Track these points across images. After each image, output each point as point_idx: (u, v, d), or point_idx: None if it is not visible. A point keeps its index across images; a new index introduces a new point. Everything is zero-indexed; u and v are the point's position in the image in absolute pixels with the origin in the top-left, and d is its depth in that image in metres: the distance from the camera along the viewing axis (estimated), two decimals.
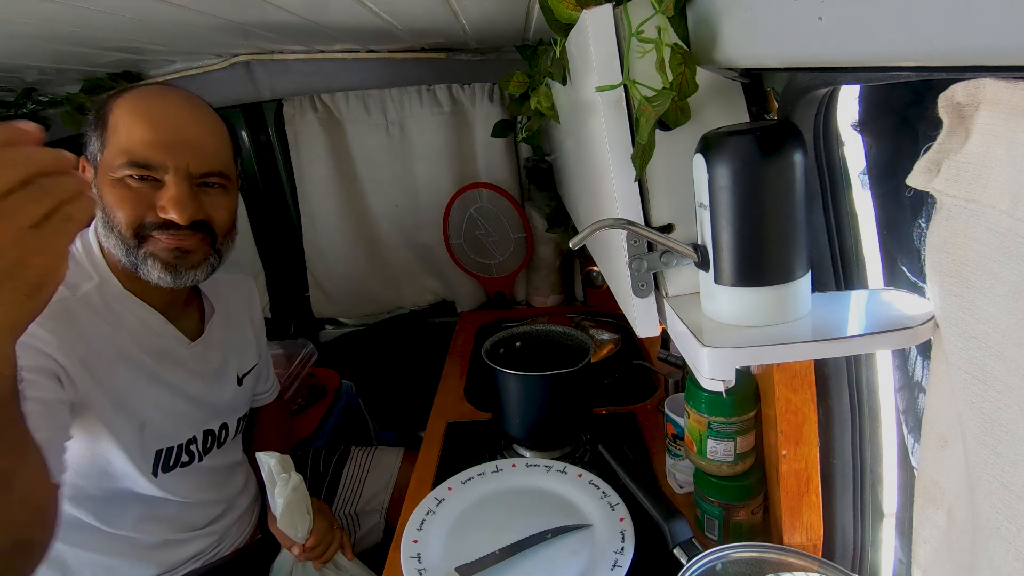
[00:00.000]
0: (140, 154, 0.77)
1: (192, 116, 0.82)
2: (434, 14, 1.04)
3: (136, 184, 0.78)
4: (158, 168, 0.78)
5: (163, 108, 0.80)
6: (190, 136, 0.81)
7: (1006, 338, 0.32)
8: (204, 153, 0.82)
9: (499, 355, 1.10)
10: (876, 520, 0.72)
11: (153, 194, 0.79)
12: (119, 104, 0.79)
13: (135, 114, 0.78)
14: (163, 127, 0.79)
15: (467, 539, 0.84)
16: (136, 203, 0.78)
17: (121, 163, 0.77)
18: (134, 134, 0.77)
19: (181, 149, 0.79)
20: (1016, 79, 0.29)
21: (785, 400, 0.71)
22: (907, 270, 0.57)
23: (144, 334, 0.87)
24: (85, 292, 0.82)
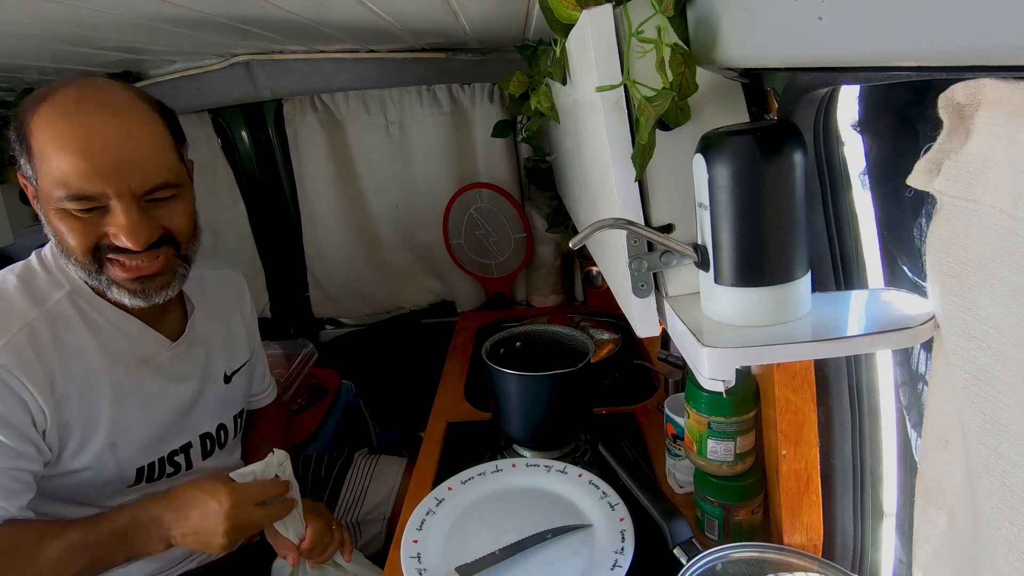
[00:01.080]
0: (76, 186, 0.71)
1: (121, 130, 0.74)
2: (434, 14, 1.04)
3: (81, 214, 0.73)
4: (99, 197, 0.73)
5: (87, 129, 0.72)
6: (125, 157, 0.73)
7: (1007, 338, 0.32)
8: (144, 170, 0.75)
9: (499, 355, 1.10)
10: (876, 520, 0.72)
11: (101, 220, 0.74)
12: (38, 125, 0.72)
13: (59, 141, 0.71)
14: (93, 152, 0.71)
15: (467, 539, 0.84)
16: (85, 233, 0.74)
17: (59, 196, 0.72)
18: (64, 165, 0.71)
19: (118, 173, 0.73)
20: (1016, 79, 0.29)
21: (785, 400, 0.71)
22: (908, 270, 0.57)
23: (121, 341, 0.84)
24: (56, 303, 0.79)
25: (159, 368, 0.88)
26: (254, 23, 1.06)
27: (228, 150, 1.72)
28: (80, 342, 0.80)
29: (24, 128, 0.73)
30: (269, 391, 1.19)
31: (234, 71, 1.47)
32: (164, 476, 0.90)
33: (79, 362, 0.79)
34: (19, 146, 0.75)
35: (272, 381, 1.21)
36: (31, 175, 0.75)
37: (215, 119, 1.67)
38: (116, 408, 0.82)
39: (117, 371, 0.83)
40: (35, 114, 0.72)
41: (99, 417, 0.81)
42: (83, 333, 0.80)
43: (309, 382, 1.57)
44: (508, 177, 1.73)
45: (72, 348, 0.79)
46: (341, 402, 1.61)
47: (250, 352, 1.07)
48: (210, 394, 0.96)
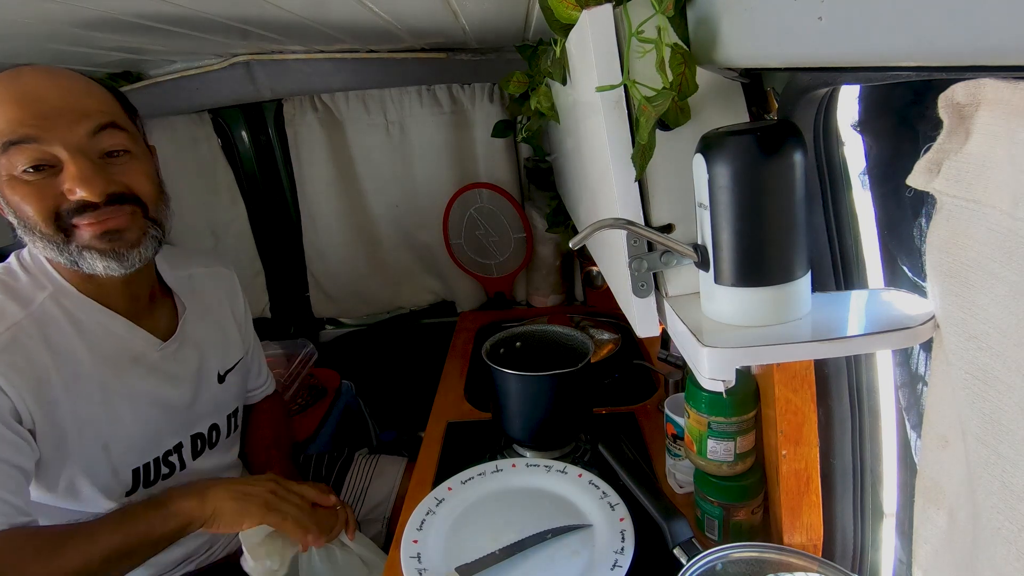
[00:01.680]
0: (11, 132, 0.69)
1: (59, 83, 0.73)
2: (434, 14, 1.04)
3: (33, 177, 0.71)
4: (38, 139, 0.70)
5: (21, 85, 0.71)
6: (65, 102, 0.72)
7: (1007, 338, 0.32)
8: (88, 113, 0.73)
9: (499, 355, 1.10)
10: (876, 520, 0.72)
11: (55, 181, 0.72)
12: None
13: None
14: (30, 101, 0.70)
15: (467, 539, 0.84)
16: (41, 195, 0.72)
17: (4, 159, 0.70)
18: (2, 123, 0.70)
19: (59, 118, 0.71)
20: (1016, 79, 0.29)
21: (785, 400, 0.71)
22: (908, 270, 0.57)
23: (108, 341, 0.82)
24: (40, 304, 0.78)
25: (150, 368, 0.87)
26: (254, 23, 1.06)
27: (228, 150, 1.72)
28: (67, 343, 0.78)
29: None
30: (267, 385, 1.18)
31: (234, 71, 1.47)
32: (160, 478, 0.89)
33: (68, 363, 0.78)
34: None
35: (270, 375, 1.21)
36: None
37: (215, 119, 1.67)
38: (107, 409, 0.81)
39: (106, 372, 0.81)
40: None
41: (90, 419, 0.80)
42: (70, 334, 0.79)
43: (309, 382, 1.57)
44: (508, 177, 1.73)
45: (60, 349, 0.77)
46: (341, 402, 1.61)
47: (244, 350, 1.07)
48: (204, 394, 0.96)
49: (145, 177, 0.79)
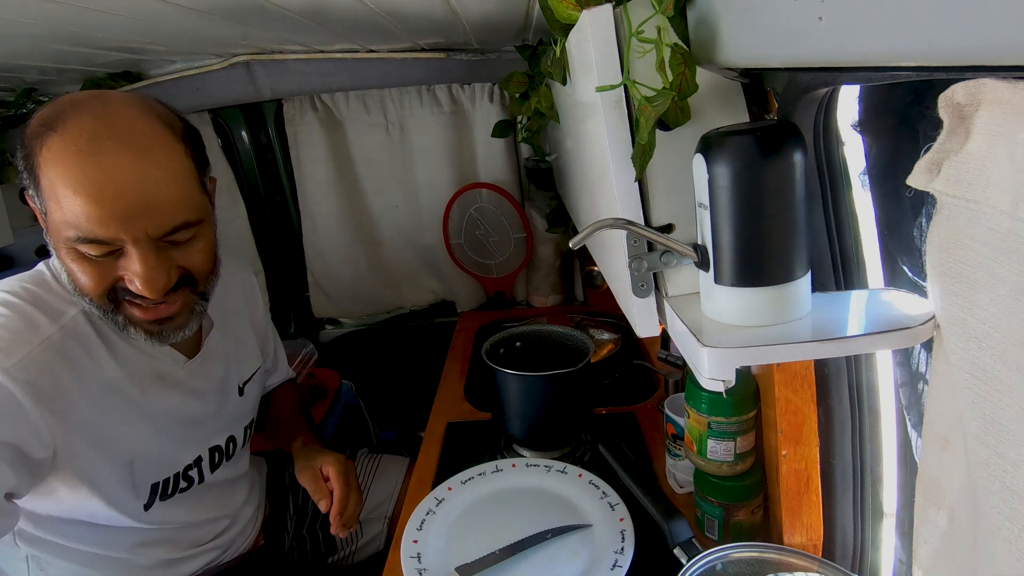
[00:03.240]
0: (88, 231, 0.66)
1: (138, 172, 0.67)
2: (434, 14, 1.04)
3: (94, 255, 0.69)
4: (112, 242, 0.68)
5: (101, 171, 0.65)
6: (142, 201, 0.67)
7: (1007, 338, 0.32)
8: (162, 213, 0.69)
9: (499, 355, 1.10)
10: (876, 520, 0.72)
11: (116, 265, 0.70)
12: (48, 160, 0.66)
13: (69, 183, 0.65)
14: (107, 198, 0.65)
15: (467, 539, 0.84)
16: (100, 276, 0.70)
17: (70, 236, 0.67)
18: (75, 208, 0.65)
19: (134, 219, 0.67)
20: (1016, 79, 0.29)
21: (785, 400, 0.71)
22: (908, 270, 0.57)
23: (137, 359, 0.81)
24: (71, 318, 0.75)
25: (175, 384, 0.86)
26: (254, 23, 1.06)
27: (228, 150, 1.72)
28: (96, 359, 0.76)
29: (32, 158, 0.67)
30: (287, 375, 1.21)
31: (234, 71, 1.47)
32: (178, 491, 0.88)
33: (95, 379, 0.76)
34: (27, 175, 0.69)
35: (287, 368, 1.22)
36: (40, 207, 0.70)
37: (215, 119, 1.67)
38: (132, 426, 0.80)
39: (132, 388, 0.80)
40: (43, 146, 0.66)
41: (116, 436, 0.78)
42: (99, 350, 0.77)
43: (309, 382, 1.57)
44: (508, 177, 1.72)
45: (88, 365, 0.75)
46: (341, 402, 1.61)
47: (261, 359, 1.05)
48: (225, 407, 0.94)
49: (204, 254, 0.77)
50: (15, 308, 0.72)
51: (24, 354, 0.69)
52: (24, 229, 1.61)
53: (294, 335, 1.89)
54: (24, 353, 0.69)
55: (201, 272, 0.77)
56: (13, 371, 0.67)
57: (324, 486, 0.95)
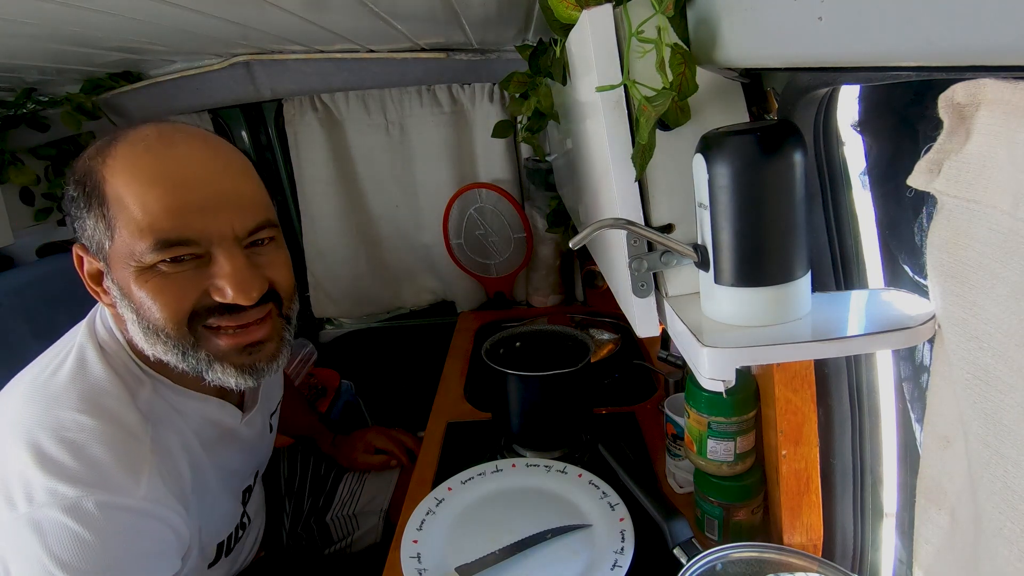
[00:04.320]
0: (168, 229, 0.59)
1: (216, 162, 0.62)
2: (434, 14, 1.04)
3: (173, 269, 0.60)
4: (198, 241, 0.60)
5: (176, 161, 0.60)
6: (224, 189, 0.61)
7: (1008, 338, 0.32)
8: (245, 205, 0.63)
9: (499, 355, 1.10)
10: (876, 520, 0.72)
11: (198, 275, 0.62)
12: (113, 168, 0.60)
13: (143, 178, 0.59)
14: (187, 186, 0.60)
15: (467, 539, 0.84)
16: (180, 293, 0.61)
17: (147, 247, 0.59)
18: (152, 205, 0.58)
19: (220, 209, 0.61)
20: (1016, 79, 0.29)
21: (785, 400, 0.71)
22: (909, 270, 0.57)
23: (205, 427, 0.74)
24: (147, 399, 0.66)
25: (234, 441, 0.80)
26: (254, 23, 1.06)
27: None
28: (183, 440, 0.69)
29: (94, 177, 0.60)
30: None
31: (234, 71, 1.47)
32: (236, 542, 0.85)
33: (182, 460, 0.68)
34: (86, 203, 0.61)
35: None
36: (103, 237, 0.61)
37: (215, 119, 1.67)
38: (204, 493, 0.73)
39: (203, 457, 0.73)
40: (108, 157, 0.61)
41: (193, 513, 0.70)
42: (183, 429, 0.69)
43: (309, 382, 1.57)
44: (508, 177, 1.72)
45: (176, 448, 0.68)
46: (341, 402, 1.61)
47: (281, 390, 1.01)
48: (260, 449, 0.91)
49: (287, 269, 0.70)
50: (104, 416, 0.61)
51: (148, 470, 0.61)
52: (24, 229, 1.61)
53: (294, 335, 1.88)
54: (148, 469, 0.61)
55: (286, 288, 0.70)
56: (148, 498, 0.60)
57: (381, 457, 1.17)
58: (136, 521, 0.58)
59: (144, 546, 0.59)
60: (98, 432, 0.60)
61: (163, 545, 0.62)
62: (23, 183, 1.58)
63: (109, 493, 0.57)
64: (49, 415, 0.60)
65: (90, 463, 0.57)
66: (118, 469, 0.58)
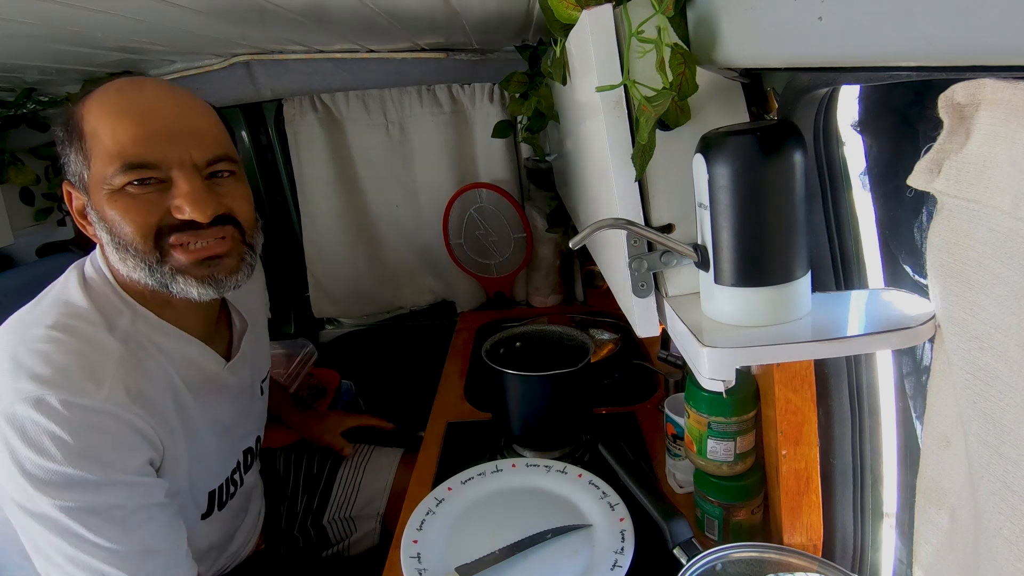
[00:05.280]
0: (134, 153, 0.67)
1: (179, 101, 0.71)
2: (434, 14, 1.04)
3: (139, 191, 0.68)
4: (159, 165, 0.68)
5: (143, 98, 0.69)
6: (184, 123, 0.70)
7: (1008, 338, 0.32)
8: (204, 138, 0.72)
9: (499, 355, 1.10)
10: (876, 520, 0.72)
11: (161, 197, 0.69)
12: (89, 107, 0.69)
13: (114, 112, 0.67)
14: (151, 118, 0.68)
15: (467, 539, 0.84)
16: (145, 211, 0.68)
17: (115, 170, 0.67)
18: (120, 134, 0.67)
19: (179, 138, 0.69)
20: (1016, 79, 0.29)
21: (785, 400, 0.71)
22: (909, 269, 0.57)
23: (187, 366, 0.78)
24: (125, 328, 0.72)
25: (220, 388, 0.84)
26: (254, 23, 1.06)
27: None
28: (160, 370, 0.74)
29: (74, 117, 0.70)
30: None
31: (234, 71, 1.47)
32: (228, 498, 0.88)
33: (164, 391, 0.74)
34: (68, 140, 0.70)
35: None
36: (81, 168, 0.70)
37: None
38: (191, 436, 0.78)
39: (189, 399, 0.78)
40: (86, 101, 0.70)
41: (180, 447, 0.76)
42: (161, 360, 0.75)
43: (309, 382, 1.57)
44: (508, 177, 1.72)
45: (155, 377, 0.73)
46: (341, 402, 1.61)
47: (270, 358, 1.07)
48: (253, 409, 0.94)
49: (246, 200, 0.77)
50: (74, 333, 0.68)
51: (111, 379, 0.67)
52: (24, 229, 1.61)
53: (294, 335, 1.88)
54: (111, 378, 0.67)
55: (246, 217, 0.77)
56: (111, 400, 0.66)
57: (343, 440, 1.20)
58: (98, 418, 0.64)
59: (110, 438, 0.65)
60: (66, 344, 0.67)
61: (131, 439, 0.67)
62: (23, 183, 1.58)
63: (71, 393, 0.63)
64: (27, 333, 0.68)
65: (55, 367, 0.64)
66: (81, 374, 0.65)
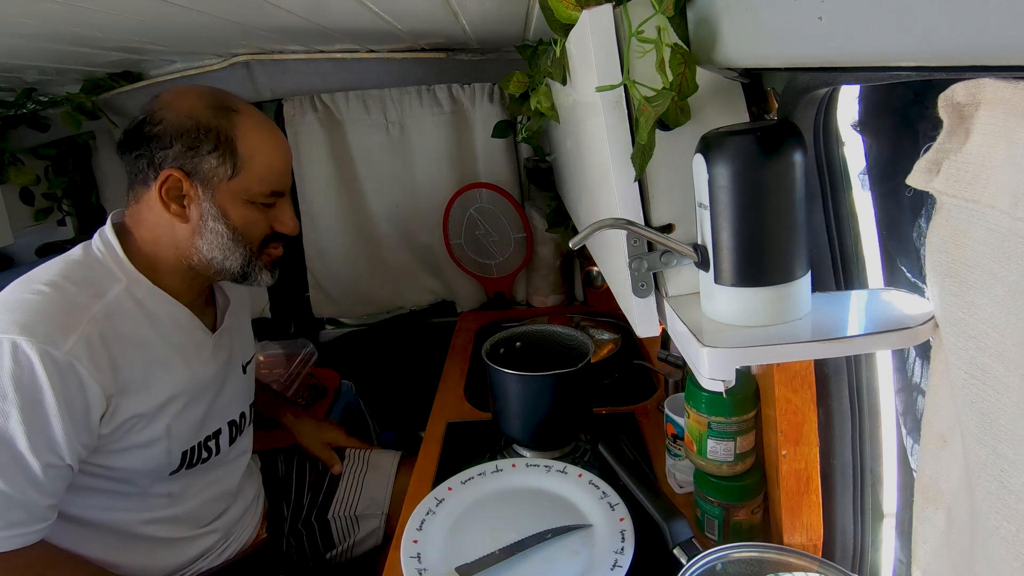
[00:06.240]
0: (279, 184, 0.89)
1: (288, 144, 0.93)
2: (434, 14, 1.04)
3: (265, 207, 0.88)
4: (283, 192, 0.91)
5: (282, 140, 0.91)
6: (291, 165, 0.93)
7: (1006, 338, 0.32)
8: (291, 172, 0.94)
9: (499, 355, 1.10)
10: (876, 520, 0.72)
11: (271, 212, 0.90)
12: (247, 133, 0.84)
13: (269, 148, 0.87)
14: (287, 157, 0.91)
15: (467, 539, 0.84)
16: (265, 222, 0.89)
17: (263, 191, 0.86)
18: (275, 166, 0.87)
19: (290, 175, 0.93)
20: (1016, 79, 0.29)
21: (785, 400, 0.71)
22: (907, 270, 0.57)
23: (175, 331, 0.88)
24: (115, 295, 0.82)
25: (208, 356, 0.94)
26: (254, 23, 1.06)
27: None
28: (140, 333, 0.83)
29: (228, 132, 0.83)
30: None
31: (234, 71, 1.47)
32: (200, 461, 0.94)
33: (140, 352, 0.83)
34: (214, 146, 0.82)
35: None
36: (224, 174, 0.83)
37: None
38: (172, 396, 0.86)
39: (174, 360, 0.87)
40: (241, 123, 0.84)
41: (158, 405, 0.84)
42: (143, 324, 0.84)
43: (309, 382, 1.57)
44: (508, 177, 1.72)
45: (133, 339, 0.82)
46: (341, 402, 1.61)
47: (255, 347, 1.13)
48: (234, 383, 1.01)
49: None
50: (60, 289, 0.78)
51: (78, 335, 0.75)
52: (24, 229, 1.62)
53: (294, 335, 1.88)
54: (78, 334, 0.75)
55: None
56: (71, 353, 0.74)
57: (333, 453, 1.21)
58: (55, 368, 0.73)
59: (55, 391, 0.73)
60: (50, 296, 0.77)
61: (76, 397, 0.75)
62: (23, 183, 1.58)
63: (39, 340, 0.72)
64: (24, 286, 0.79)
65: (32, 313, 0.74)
66: (52, 325, 0.74)
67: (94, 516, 0.86)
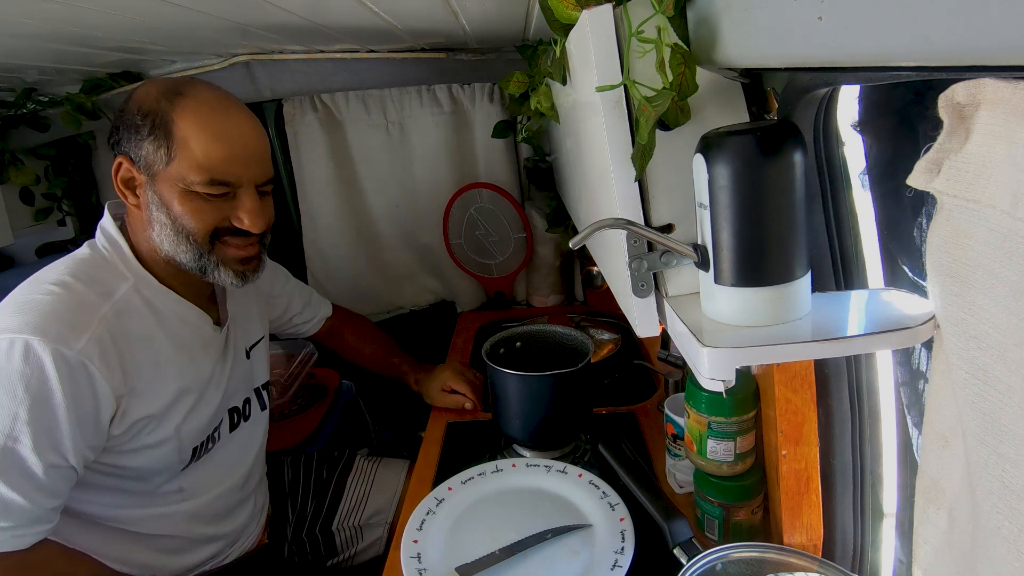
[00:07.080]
0: (220, 172, 0.80)
1: (253, 129, 0.85)
2: (434, 14, 1.04)
3: (211, 198, 0.81)
4: (233, 183, 0.82)
5: (232, 124, 0.82)
6: (256, 150, 0.84)
7: (1007, 338, 0.32)
8: (265, 163, 0.86)
9: (499, 355, 1.10)
10: (876, 520, 0.72)
11: (225, 205, 0.83)
12: (185, 116, 0.79)
13: (208, 131, 0.79)
14: (238, 145, 0.81)
15: (467, 539, 0.84)
16: (213, 214, 0.82)
17: (200, 180, 0.79)
18: (212, 152, 0.79)
19: (251, 164, 0.83)
20: (1016, 79, 0.29)
21: (785, 400, 0.71)
22: (908, 270, 0.57)
23: (183, 328, 0.88)
24: (123, 294, 0.82)
25: (215, 352, 0.93)
26: (254, 23, 1.06)
27: None
28: (148, 332, 0.83)
29: (165, 117, 0.79)
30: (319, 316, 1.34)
31: (234, 71, 1.47)
32: (205, 452, 0.93)
33: (148, 352, 0.82)
34: (150, 132, 0.79)
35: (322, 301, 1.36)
36: (160, 160, 0.79)
37: None
38: (182, 394, 0.86)
39: (182, 358, 0.87)
40: (180, 107, 0.79)
41: (168, 404, 0.84)
42: (151, 323, 0.84)
43: (309, 382, 1.57)
44: (508, 177, 1.72)
45: (141, 338, 0.82)
46: (341, 402, 1.61)
47: (264, 330, 1.11)
48: (236, 370, 1.00)
49: (273, 211, 0.90)
50: (70, 289, 0.78)
51: (89, 335, 0.75)
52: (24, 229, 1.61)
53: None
54: (89, 334, 0.75)
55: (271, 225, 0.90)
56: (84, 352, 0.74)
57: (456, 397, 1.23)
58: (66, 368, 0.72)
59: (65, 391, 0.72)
60: (61, 297, 0.76)
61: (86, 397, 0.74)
62: (23, 183, 1.58)
63: (51, 340, 0.72)
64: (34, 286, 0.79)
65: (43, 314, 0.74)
66: (63, 324, 0.74)
67: (105, 513, 0.85)
